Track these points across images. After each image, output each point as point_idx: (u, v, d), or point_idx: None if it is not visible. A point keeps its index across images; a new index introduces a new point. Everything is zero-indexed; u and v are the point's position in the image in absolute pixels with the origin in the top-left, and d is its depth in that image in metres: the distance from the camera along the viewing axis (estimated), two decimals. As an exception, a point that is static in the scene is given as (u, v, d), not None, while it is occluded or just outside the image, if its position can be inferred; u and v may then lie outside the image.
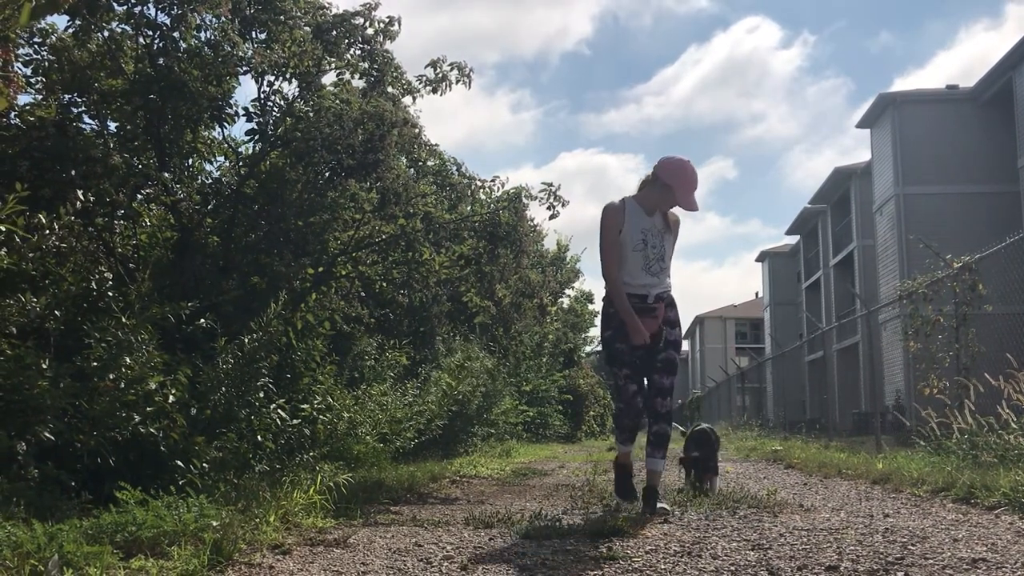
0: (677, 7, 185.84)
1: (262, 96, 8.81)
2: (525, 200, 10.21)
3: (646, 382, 5.35)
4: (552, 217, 11.00)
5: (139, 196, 8.38)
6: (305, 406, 7.55)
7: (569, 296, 28.95)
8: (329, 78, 9.31)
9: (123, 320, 5.48)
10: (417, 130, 9.45)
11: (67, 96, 8.10)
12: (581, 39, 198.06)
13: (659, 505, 5.07)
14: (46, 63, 8.02)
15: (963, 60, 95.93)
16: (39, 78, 8.00)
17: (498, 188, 10.79)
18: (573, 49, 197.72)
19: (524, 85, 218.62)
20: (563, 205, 9.91)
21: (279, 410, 6.79)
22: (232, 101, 8.78)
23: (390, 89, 9.26)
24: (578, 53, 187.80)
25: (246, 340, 6.67)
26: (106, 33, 8.18)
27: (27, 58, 7.89)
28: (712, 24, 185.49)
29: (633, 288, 5.26)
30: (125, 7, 8.01)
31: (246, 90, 75.85)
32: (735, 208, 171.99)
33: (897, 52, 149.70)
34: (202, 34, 8.50)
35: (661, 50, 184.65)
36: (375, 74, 9.16)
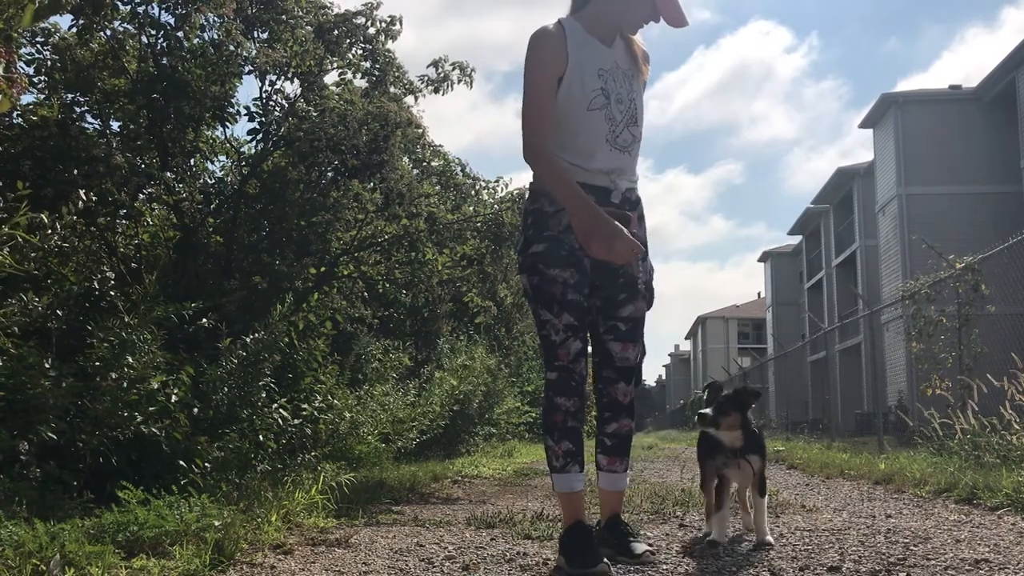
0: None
1: (264, 96, 8.82)
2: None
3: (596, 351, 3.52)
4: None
5: (141, 196, 8.39)
6: (307, 406, 7.55)
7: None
8: (331, 78, 9.34)
9: (126, 320, 5.48)
10: (421, 130, 9.46)
11: (70, 95, 8.11)
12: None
13: (636, 546, 3.41)
14: (49, 62, 8.03)
15: (965, 63, 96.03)
16: (42, 77, 8.02)
17: (502, 189, 10.81)
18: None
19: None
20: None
21: (281, 410, 6.79)
22: (234, 101, 8.80)
23: (392, 89, 9.27)
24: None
25: (249, 340, 6.68)
26: (109, 32, 8.20)
27: (30, 57, 7.91)
28: (719, 29, 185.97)
29: (588, 175, 3.25)
30: (129, 6, 8.03)
31: (248, 89, 75.95)
32: (740, 211, 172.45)
33: (899, 57, 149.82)
34: (205, 34, 8.52)
35: (667, 54, 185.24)
36: (377, 74, 9.17)
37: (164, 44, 8.17)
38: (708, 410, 3.67)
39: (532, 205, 3.35)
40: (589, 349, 3.52)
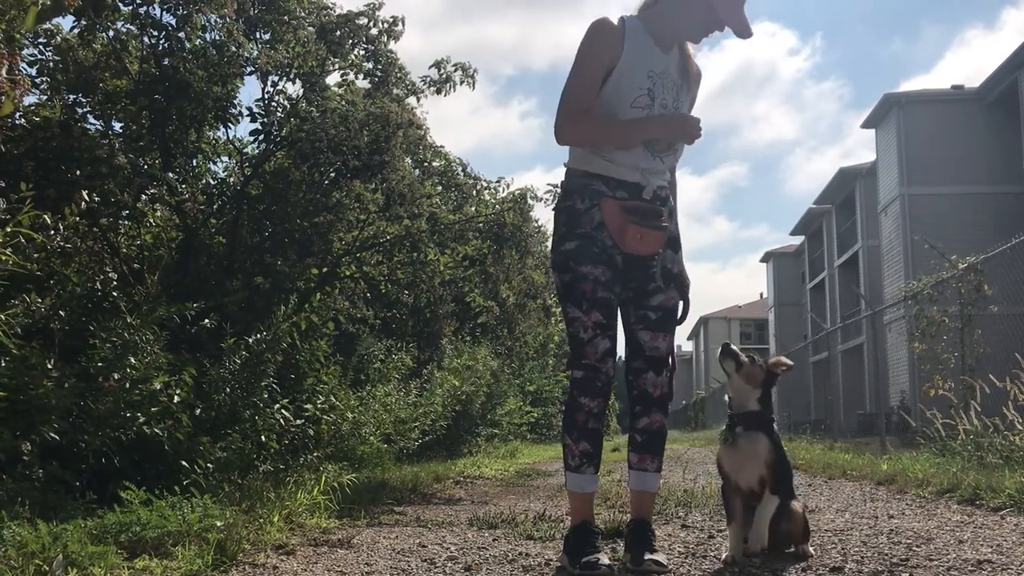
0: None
1: (266, 96, 8.82)
2: (531, 201, 10.24)
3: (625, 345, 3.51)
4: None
5: (144, 196, 8.40)
6: (309, 406, 7.56)
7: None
8: (333, 78, 9.35)
9: (128, 320, 5.49)
10: (422, 131, 9.47)
11: (72, 96, 8.12)
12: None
13: (649, 557, 3.17)
14: (51, 63, 8.04)
15: (966, 66, 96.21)
16: (44, 78, 8.03)
17: (503, 189, 10.82)
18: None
19: (533, 95, 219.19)
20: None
21: (283, 410, 6.79)
22: (236, 101, 8.81)
23: (395, 90, 9.27)
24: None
25: (252, 340, 6.68)
26: (111, 33, 8.21)
27: (32, 58, 7.93)
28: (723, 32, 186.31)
29: (618, 169, 3.27)
30: (130, 7, 8.04)
31: (250, 90, 75.95)
32: (744, 213, 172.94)
33: (902, 60, 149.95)
34: (207, 34, 8.53)
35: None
36: (379, 74, 9.17)
37: (166, 45, 8.18)
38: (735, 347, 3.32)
39: (564, 203, 3.34)
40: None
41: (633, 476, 3.41)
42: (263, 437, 6.40)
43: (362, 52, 9.15)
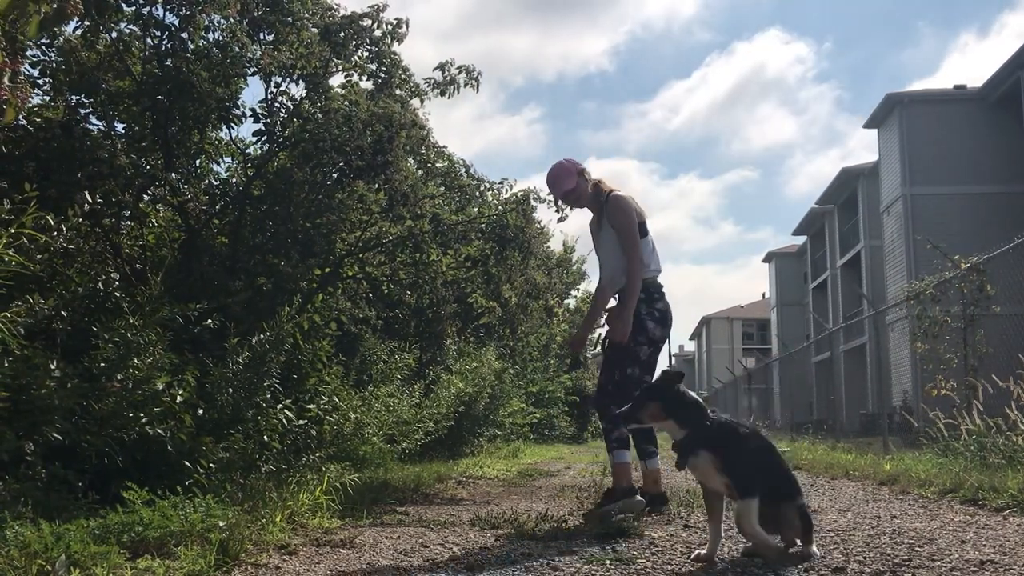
0: (684, 38, 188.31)
1: (269, 97, 8.83)
2: (533, 202, 10.24)
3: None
4: (561, 220, 11.08)
5: (146, 197, 8.40)
6: (311, 407, 7.56)
7: (576, 297, 28.89)
8: (337, 79, 9.35)
9: (131, 321, 5.49)
10: (425, 132, 9.46)
11: (74, 97, 8.12)
12: (598, 68, 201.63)
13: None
14: (54, 64, 8.04)
15: (970, 69, 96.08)
16: (47, 79, 8.03)
17: (506, 190, 10.81)
18: (593, 72, 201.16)
19: (545, 103, 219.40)
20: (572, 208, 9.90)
21: (286, 410, 6.79)
22: (240, 102, 8.81)
23: (398, 91, 9.27)
24: (597, 74, 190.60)
25: (254, 341, 6.69)
26: (114, 34, 8.21)
27: (35, 59, 7.93)
28: (732, 36, 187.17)
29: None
30: (133, 8, 8.04)
31: (253, 91, 76.04)
32: (750, 216, 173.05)
33: (906, 63, 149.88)
34: (210, 35, 8.53)
35: (679, 61, 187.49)
36: (383, 76, 9.17)
37: (168, 45, 8.19)
38: (625, 407, 3.48)
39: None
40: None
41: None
42: (266, 437, 6.40)
43: (366, 53, 9.14)
